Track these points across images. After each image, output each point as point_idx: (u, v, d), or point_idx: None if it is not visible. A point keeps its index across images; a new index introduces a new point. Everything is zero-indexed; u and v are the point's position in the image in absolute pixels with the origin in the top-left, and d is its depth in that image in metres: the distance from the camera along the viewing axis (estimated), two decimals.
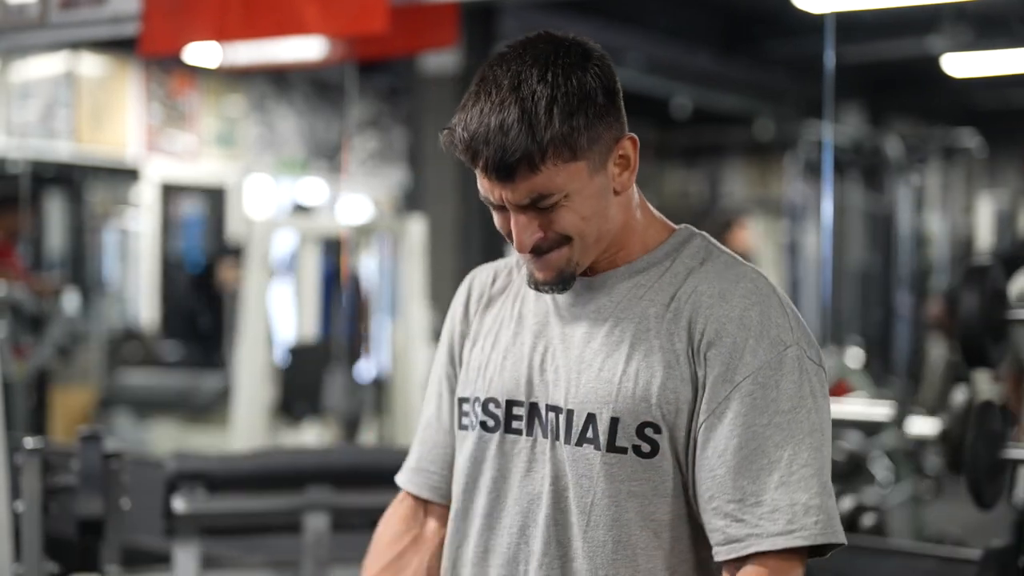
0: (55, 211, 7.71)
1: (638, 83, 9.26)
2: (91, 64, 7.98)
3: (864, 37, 6.89)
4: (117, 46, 7.93)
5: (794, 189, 8.24)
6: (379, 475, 2.50)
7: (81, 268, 7.67)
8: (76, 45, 6.74)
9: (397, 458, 2.54)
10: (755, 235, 9.48)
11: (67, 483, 2.45)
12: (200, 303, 7.40)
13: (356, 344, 4.64)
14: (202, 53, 4.84)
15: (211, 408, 4.59)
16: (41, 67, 7.66)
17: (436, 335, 5.46)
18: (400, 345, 4.74)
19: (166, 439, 4.71)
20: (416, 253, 4.54)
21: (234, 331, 5.48)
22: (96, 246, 7.88)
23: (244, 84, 8.82)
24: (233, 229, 8.36)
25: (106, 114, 8.02)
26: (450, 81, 6.03)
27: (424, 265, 4.90)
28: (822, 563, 2.63)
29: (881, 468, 5.10)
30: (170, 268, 8.18)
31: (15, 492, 2.55)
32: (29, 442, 2.47)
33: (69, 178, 7.76)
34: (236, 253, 6.88)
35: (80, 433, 2.45)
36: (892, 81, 8.62)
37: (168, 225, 8.38)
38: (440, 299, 5.93)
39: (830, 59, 3.36)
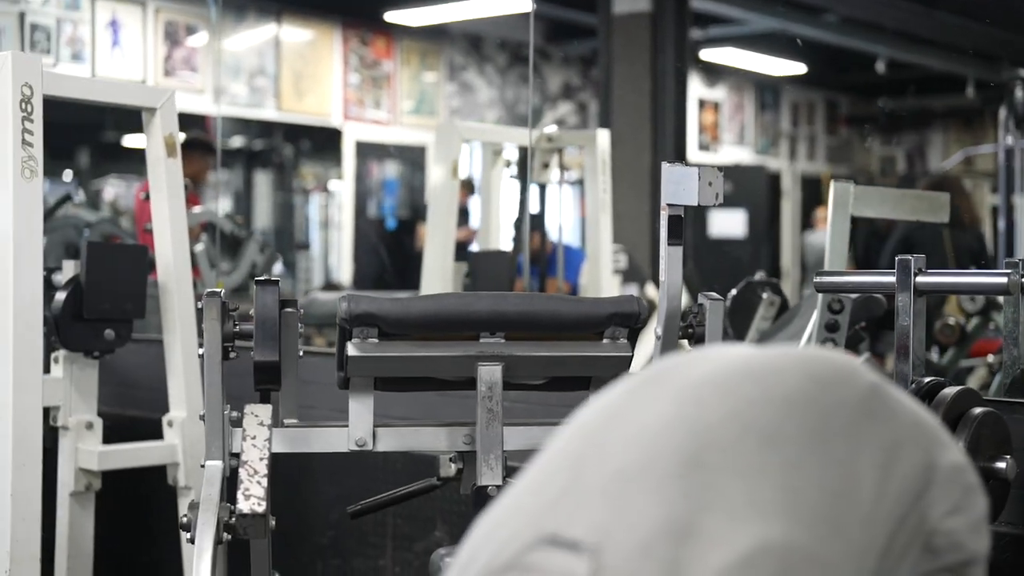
0: (261, 175, 7.98)
1: (835, 41, 9.00)
2: (294, 33, 8.22)
3: None
4: (320, 15, 8.17)
5: (1004, 145, 7.85)
6: (558, 324, 2.46)
7: (286, 227, 7.90)
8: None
9: (577, 306, 2.51)
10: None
11: (245, 330, 2.49)
12: (396, 260, 7.55)
13: (543, 257, 4.62)
14: (402, 15, 4.92)
15: None
16: (248, 38, 7.93)
17: (623, 273, 5.42)
18: (590, 257, 4.69)
19: None
20: (603, 167, 4.49)
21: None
22: (299, 206, 8.11)
23: (440, 52, 8.95)
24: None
25: (308, 81, 8.24)
26: (642, 19, 5.99)
27: (610, 199, 4.84)
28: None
29: None
30: (368, 226, 8.36)
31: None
32: (210, 289, 2.52)
33: (274, 141, 8.01)
34: None
35: (257, 280, 2.48)
36: None
37: (367, 186, 8.56)
38: (626, 240, 5.90)
39: None
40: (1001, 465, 2.16)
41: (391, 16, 7.91)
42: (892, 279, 2.37)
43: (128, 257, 3.20)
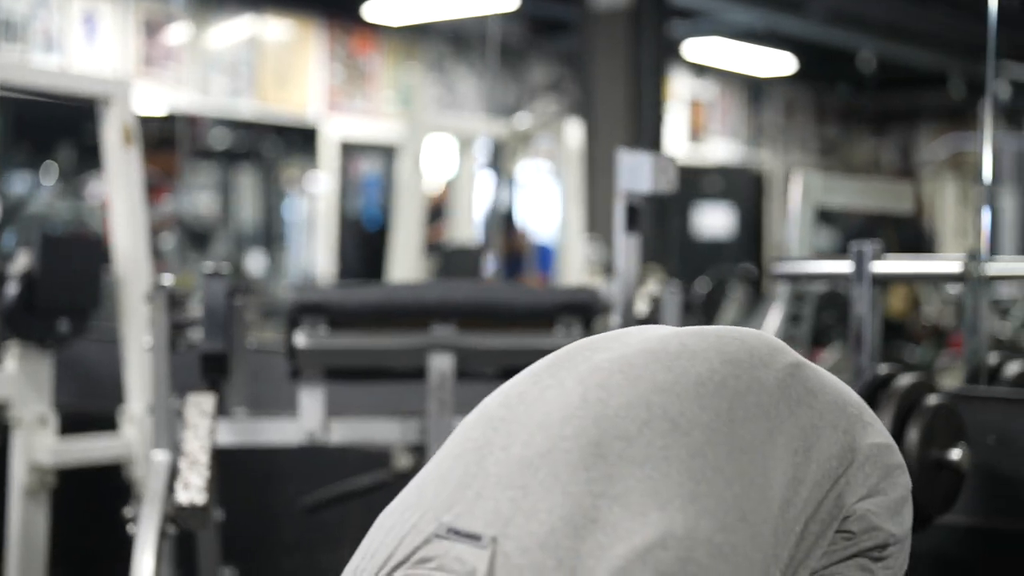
0: (240, 169, 7.92)
1: (821, 36, 8.95)
2: (275, 27, 8.16)
3: None
4: (300, 9, 8.13)
5: (985, 142, 7.79)
6: (510, 313, 2.42)
7: (265, 222, 7.84)
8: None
9: (529, 296, 2.47)
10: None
11: (192, 319, 2.46)
12: (376, 258, 7.49)
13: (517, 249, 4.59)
14: (383, 11, 4.87)
15: None
16: (229, 32, 7.88)
17: (604, 265, 5.38)
18: (561, 249, 4.66)
19: None
20: (574, 156, 4.45)
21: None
22: (279, 201, 8.05)
23: (423, 45, 8.88)
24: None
25: (289, 75, 8.18)
26: (620, 17, 5.95)
27: (584, 189, 4.80)
28: (981, 418, 2.44)
29: None
30: (348, 225, 8.30)
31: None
32: (159, 279, 2.49)
33: (253, 136, 7.96)
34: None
35: (204, 270, 2.44)
36: None
37: (347, 183, 8.50)
38: (606, 233, 5.86)
39: None
40: (955, 455, 2.12)
41: (370, 14, 7.88)
42: (850, 267, 2.33)
43: (82, 248, 3.16)
